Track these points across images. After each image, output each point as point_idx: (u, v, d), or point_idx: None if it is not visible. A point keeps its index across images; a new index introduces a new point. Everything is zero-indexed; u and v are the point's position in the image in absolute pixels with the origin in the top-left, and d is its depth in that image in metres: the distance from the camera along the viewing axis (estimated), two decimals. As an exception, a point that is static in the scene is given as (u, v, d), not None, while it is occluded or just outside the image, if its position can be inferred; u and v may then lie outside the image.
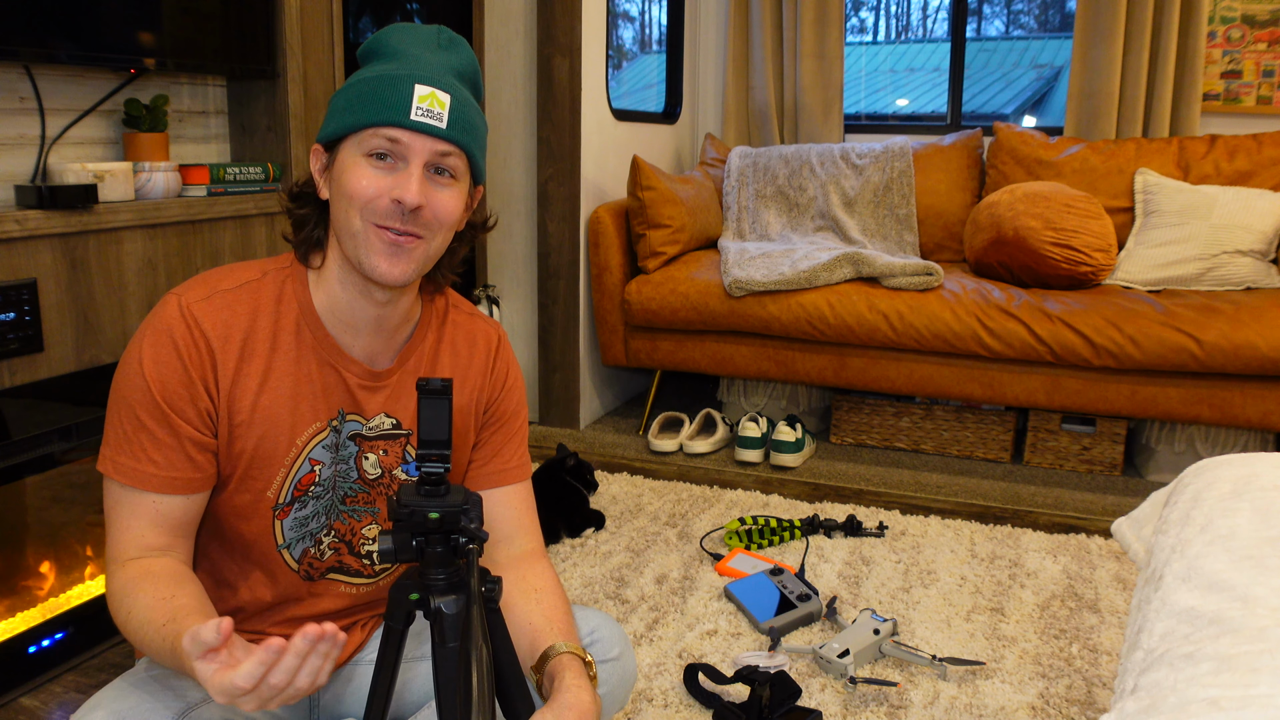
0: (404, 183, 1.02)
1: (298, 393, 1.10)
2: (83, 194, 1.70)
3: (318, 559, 1.18)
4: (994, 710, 1.67)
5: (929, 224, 3.34)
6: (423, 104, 1.01)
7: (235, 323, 1.07)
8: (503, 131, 3.22)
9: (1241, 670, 0.72)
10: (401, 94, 1.01)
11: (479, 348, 1.25)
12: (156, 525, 1.06)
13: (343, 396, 1.13)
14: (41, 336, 1.67)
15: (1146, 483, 2.81)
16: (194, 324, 1.05)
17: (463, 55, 1.08)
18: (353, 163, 1.03)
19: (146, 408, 1.04)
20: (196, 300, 1.06)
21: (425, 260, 1.08)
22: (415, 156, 1.02)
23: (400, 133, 1.01)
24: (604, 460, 2.95)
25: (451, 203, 1.05)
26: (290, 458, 1.11)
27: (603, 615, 1.25)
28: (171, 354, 1.04)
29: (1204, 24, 3.18)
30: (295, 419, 1.10)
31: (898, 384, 2.86)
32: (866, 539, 2.38)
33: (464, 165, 1.06)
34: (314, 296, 1.12)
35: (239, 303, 1.08)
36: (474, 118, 1.06)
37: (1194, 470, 1.18)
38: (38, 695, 1.71)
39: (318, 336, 1.11)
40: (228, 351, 1.06)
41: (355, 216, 1.03)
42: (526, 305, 3.31)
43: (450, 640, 0.90)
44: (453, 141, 1.03)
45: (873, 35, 7.51)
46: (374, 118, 1.01)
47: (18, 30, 1.62)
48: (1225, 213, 2.86)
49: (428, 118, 1.01)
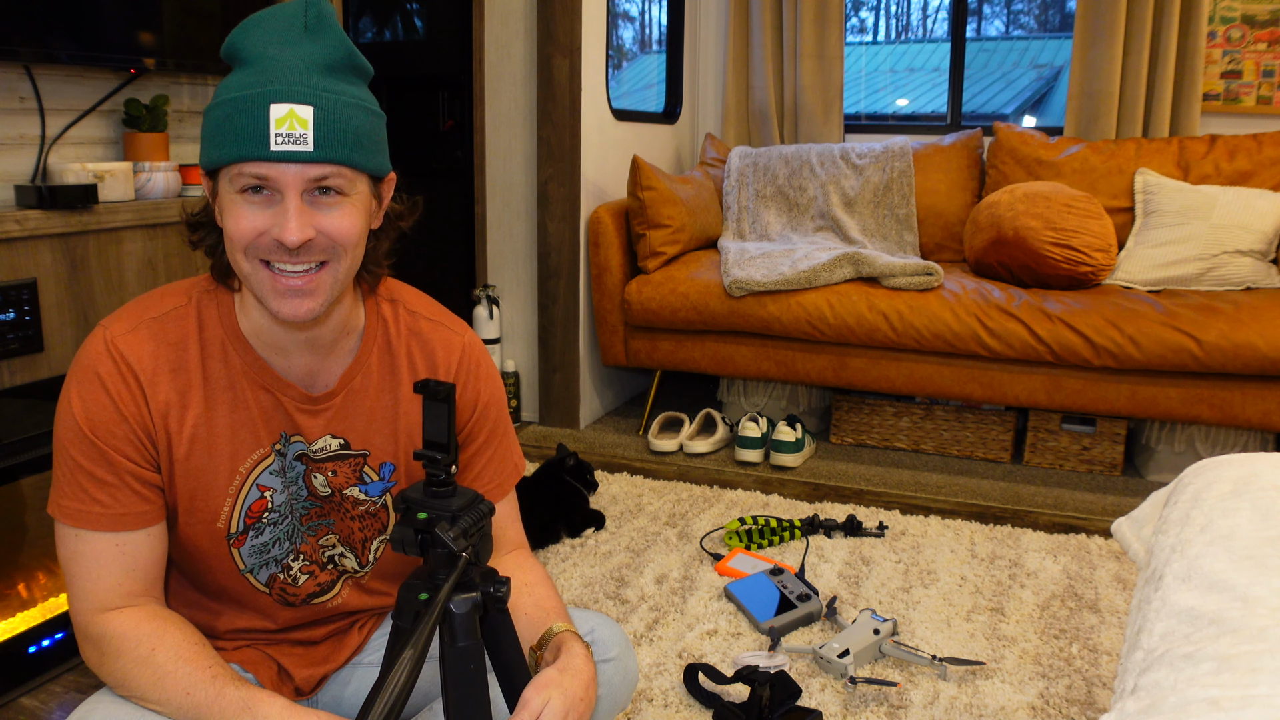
0: (281, 221, 0.92)
1: (234, 420, 1.05)
2: (83, 194, 1.70)
3: (291, 585, 1.16)
4: (994, 710, 1.67)
5: (929, 224, 3.34)
6: (281, 129, 0.90)
7: (162, 354, 1.02)
8: (503, 131, 3.22)
9: (1241, 670, 0.72)
10: (257, 121, 0.90)
11: (440, 364, 1.16)
12: (128, 572, 1.02)
13: (283, 420, 1.08)
14: (41, 336, 1.67)
15: (1146, 483, 2.81)
16: (120, 359, 1.00)
17: (330, 39, 0.96)
18: (230, 201, 0.95)
19: (81, 448, 1.00)
20: (122, 334, 1.02)
21: (335, 285, 1.00)
22: (288, 189, 0.92)
23: (264, 167, 0.91)
24: (604, 460, 2.95)
25: (344, 221, 0.96)
26: (235, 486, 1.07)
27: (602, 616, 1.25)
28: (99, 391, 1.00)
29: (1204, 24, 3.18)
30: (234, 447, 1.06)
31: (898, 384, 2.86)
32: (866, 539, 2.38)
33: (350, 176, 0.96)
34: (239, 320, 1.06)
35: (165, 332, 1.03)
36: (350, 120, 0.94)
37: (1194, 470, 1.18)
38: (38, 695, 1.71)
39: (247, 361, 1.06)
40: (157, 384, 1.02)
41: (241, 259, 0.96)
42: (526, 305, 3.31)
43: (461, 640, 0.90)
44: (325, 162, 0.93)
45: (873, 35, 7.51)
46: (234, 153, 0.91)
47: (18, 30, 1.62)
48: (1225, 213, 2.86)
49: (289, 144, 0.90)
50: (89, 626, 1.02)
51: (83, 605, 1.02)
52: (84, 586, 1.02)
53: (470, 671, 0.90)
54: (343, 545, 1.19)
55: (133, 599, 1.03)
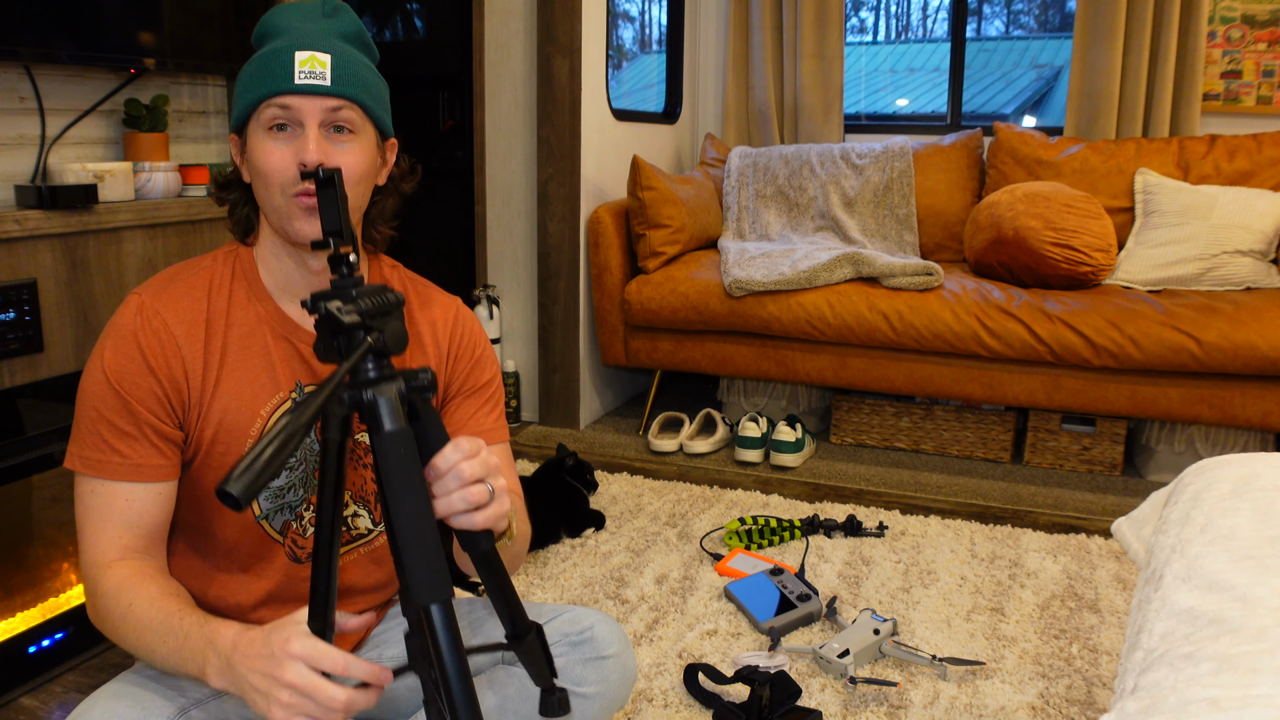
0: (303, 145, 1.05)
1: (256, 365, 1.13)
2: (83, 194, 1.70)
3: (302, 536, 1.18)
4: (994, 710, 1.67)
5: (929, 224, 3.34)
6: (304, 67, 1.05)
7: (195, 306, 1.11)
8: (503, 131, 3.22)
9: (1241, 670, 0.72)
10: (284, 63, 1.05)
11: (439, 316, 1.25)
12: (130, 526, 1.07)
13: (299, 367, 1.15)
14: (41, 336, 1.67)
15: (1146, 483, 2.81)
16: (155, 317, 1.09)
17: (346, 20, 1.12)
18: (259, 142, 1.07)
19: (104, 398, 1.07)
20: (154, 295, 1.11)
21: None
22: (308, 118, 1.06)
23: (288, 98, 1.05)
24: (604, 460, 2.95)
25: (353, 157, 1.09)
26: (256, 429, 1.13)
27: (599, 613, 1.25)
28: (132, 346, 1.08)
29: (1204, 24, 3.18)
30: (256, 391, 1.12)
31: (898, 384, 2.86)
32: (866, 539, 2.38)
33: (359, 117, 1.09)
34: (260, 273, 1.16)
35: (195, 288, 1.13)
36: (361, 71, 1.09)
37: (1194, 470, 1.18)
38: (38, 695, 1.71)
39: (268, 310, 1.15)
40: (193, 336, 1.10)
41: (276, 193, 1.07)
42: (526, 305, 3.31)
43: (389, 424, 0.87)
44: (340, 95, 1.06)
45: (873, 35, 7.51)
46: (263, 90, 1.05)
47: (18, 30, 1.62)
48: (1225, 213, 2.86)
49: (311, 79, 1.05)
50: (90, 583, 1.06)
51: (87, 559, 1.07)
52: (90, 540, 1.07)
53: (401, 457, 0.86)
54: (356, 503, 1.20)
55: (128, 554, 1.07)
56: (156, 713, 1.02)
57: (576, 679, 1.19)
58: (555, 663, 1.18)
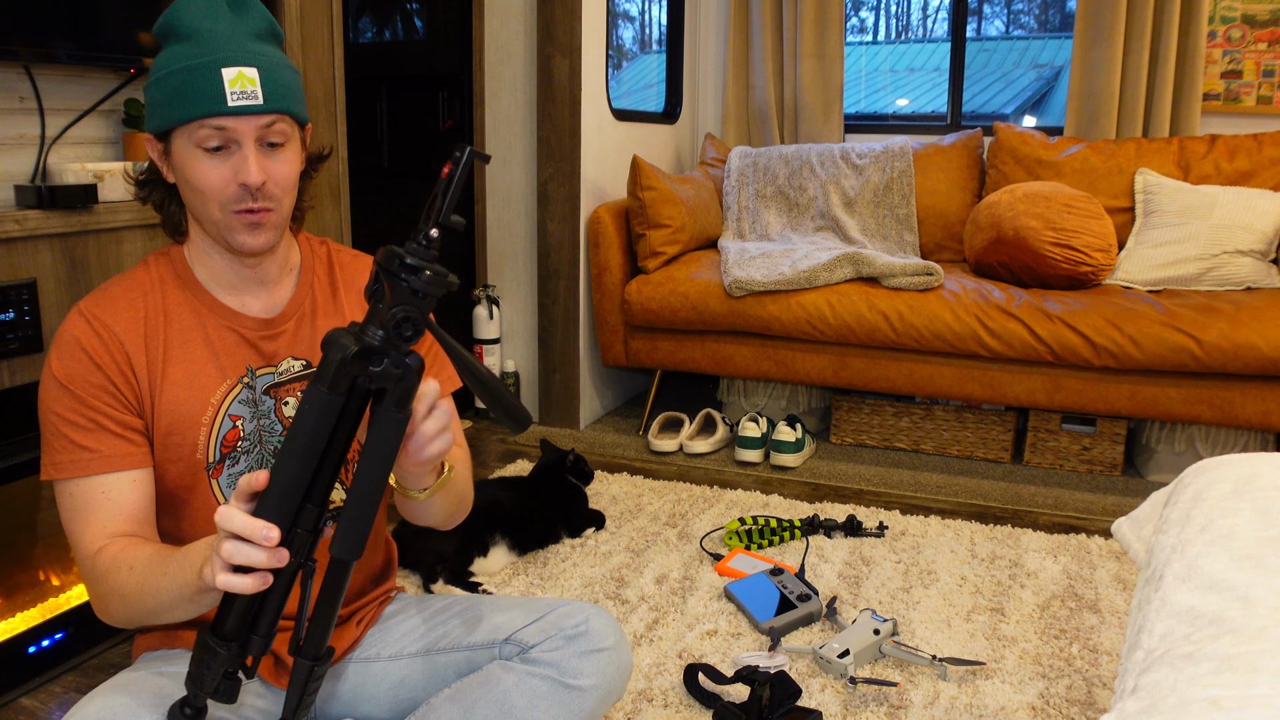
0: (242, 166, 1.08)
1: (200, 356, 1.16)
2: (82, 194, 1.70)
3: None
4: (994, 710, 1.67)
5: (929, 224, 3.34)
6: (235, 87, 1.06)
7: (133, 307, 1.15)
8: (503, 131, 3.22)
9: (1242, 670, 0.72)
10: (213, 82, 1.05)
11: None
12: (113, 516, 1.09)
13: (247, 352, 1.19)
14: (41, 336, 1.67)
15: (1146, 483, 2.81)
16: (96, 320, 1.12)
17: (254, 12, 1.12)
18: (190, 156, 1.08)
19: (60, 401, 1.10)
20: (94, 301, 1.14)
21: (282, 221, 1.15)
22: (245, 138, 1.08)
23: (223, 120, 1.06)
24: (604, 460, 2.95)
25: (288, 167, 1.12)
26: (208, 417, 1.16)
27: (595, 607, 1.26)
28: (76, 350, 1.11)
29: (1204, 24, 3.18)
30: (204, 380, 1.16)
31: (898, 384, 2.86)
32: (866, 539, 2.38)
33: (290, 126, 1.12)
34: (194, 269, 1.19)
35: (130, 290, 1.16)
36: (284, 77, 1.10)
37: (1194, 470, 1.18)
38: (38, 695, 1.71)
39: (206, 303, 1.18)
40: (133, 333, 1.13)
41: (214, 208, 1.10)
42: (526, 305, 3.31)
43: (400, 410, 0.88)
44: (273, 112, 1.08)
45: (873, 35, 7.51)
46: (195, 111, 1.06)
47: (18, 30, 1.62)
48: (1225, 213, 2.86)
49: (243, 99, 1.06)
50: (87, 574, 1.08)
51: (79, 555, 1.09)
52: (77, 537, 1.09)
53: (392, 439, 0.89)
54: None
55: (116, 536, 1.08)
56: (153, 707, 1.03)
57: (573, 672, 1.19)
58: (551, 655, 1.19)
